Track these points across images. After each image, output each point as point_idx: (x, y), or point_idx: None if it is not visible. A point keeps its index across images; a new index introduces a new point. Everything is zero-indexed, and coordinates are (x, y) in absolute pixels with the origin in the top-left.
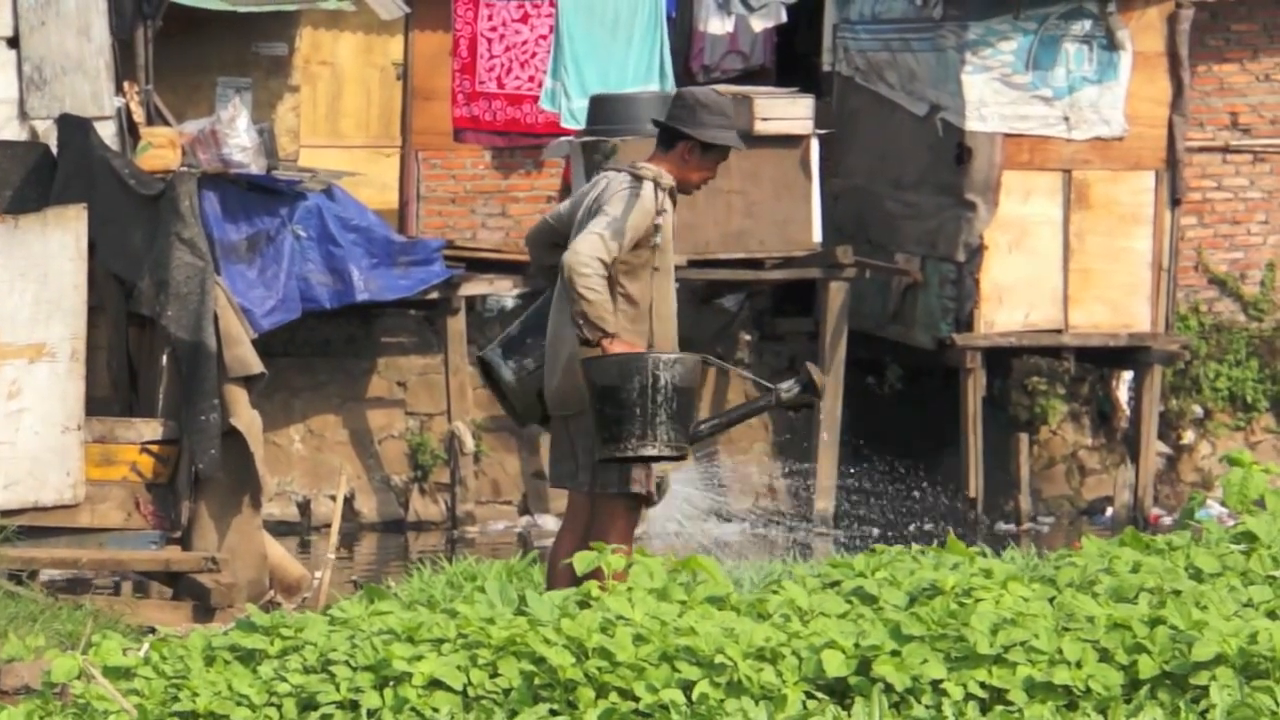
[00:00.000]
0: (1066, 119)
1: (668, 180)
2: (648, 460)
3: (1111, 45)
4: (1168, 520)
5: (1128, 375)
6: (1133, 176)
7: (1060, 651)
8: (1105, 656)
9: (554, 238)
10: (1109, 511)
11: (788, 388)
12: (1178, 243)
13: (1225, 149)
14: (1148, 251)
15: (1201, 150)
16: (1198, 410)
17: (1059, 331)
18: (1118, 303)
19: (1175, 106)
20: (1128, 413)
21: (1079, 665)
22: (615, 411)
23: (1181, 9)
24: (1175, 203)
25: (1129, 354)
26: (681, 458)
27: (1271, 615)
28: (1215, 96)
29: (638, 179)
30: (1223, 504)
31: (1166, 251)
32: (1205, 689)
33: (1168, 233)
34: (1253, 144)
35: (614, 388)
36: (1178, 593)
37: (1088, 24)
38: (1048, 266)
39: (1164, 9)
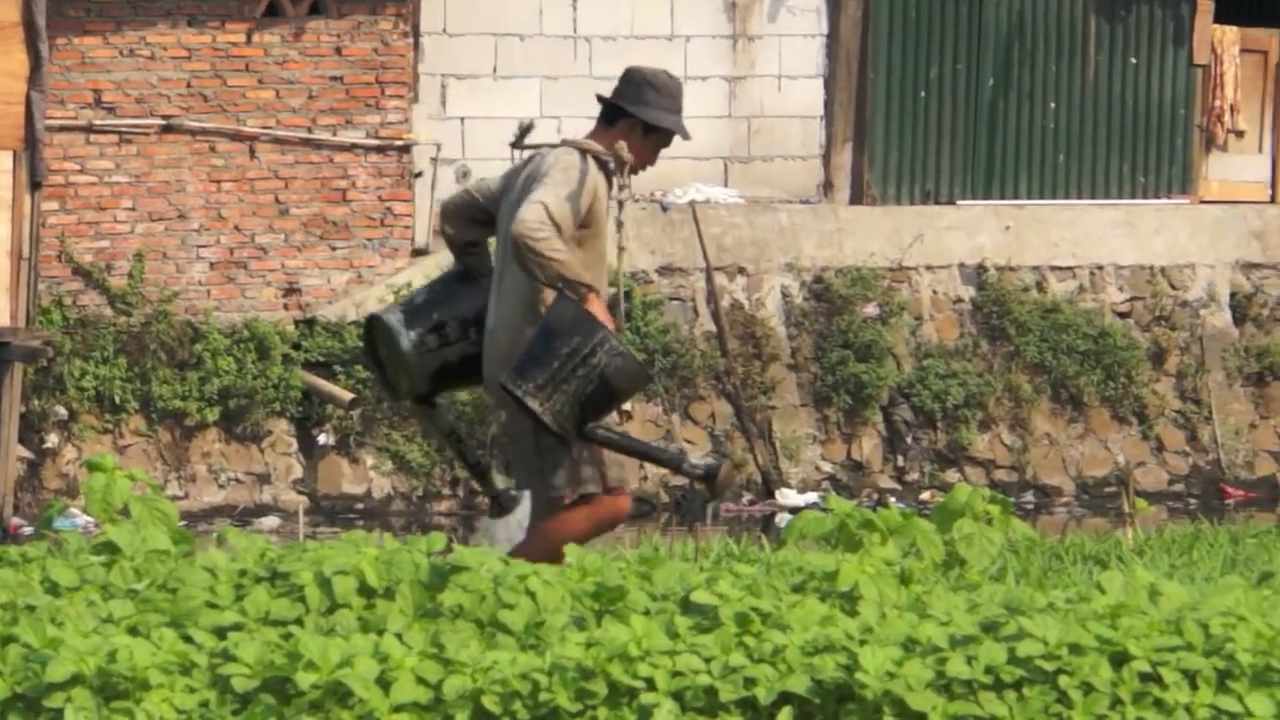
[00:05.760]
0: None
1: (625, 156)
2: (527, 409)
3: None
4: (29, 530)
5: None
6: None
7: None
8: None
9: (476, 213)
10: None
11: (692, 465)
12: (39, 230)
13: (89, 128)
14: (7, 239)
15: (63, 129)
16: (62, 411)
17: None
18: None
19: (34, 82)
20: None
21: None
22: (540, 351)
23: None
24: (36, 186)
25: None
26: (560, 437)
27: (133, 631)
28: (77, 72)
29: (583, 154)
30: (87, 512)
31: (27, 239)
32: (60, 711)
33: (28, 218)
34: (118, 124)
35: (555, 332)
36: (32, 608)
37: None
38: None
39: None
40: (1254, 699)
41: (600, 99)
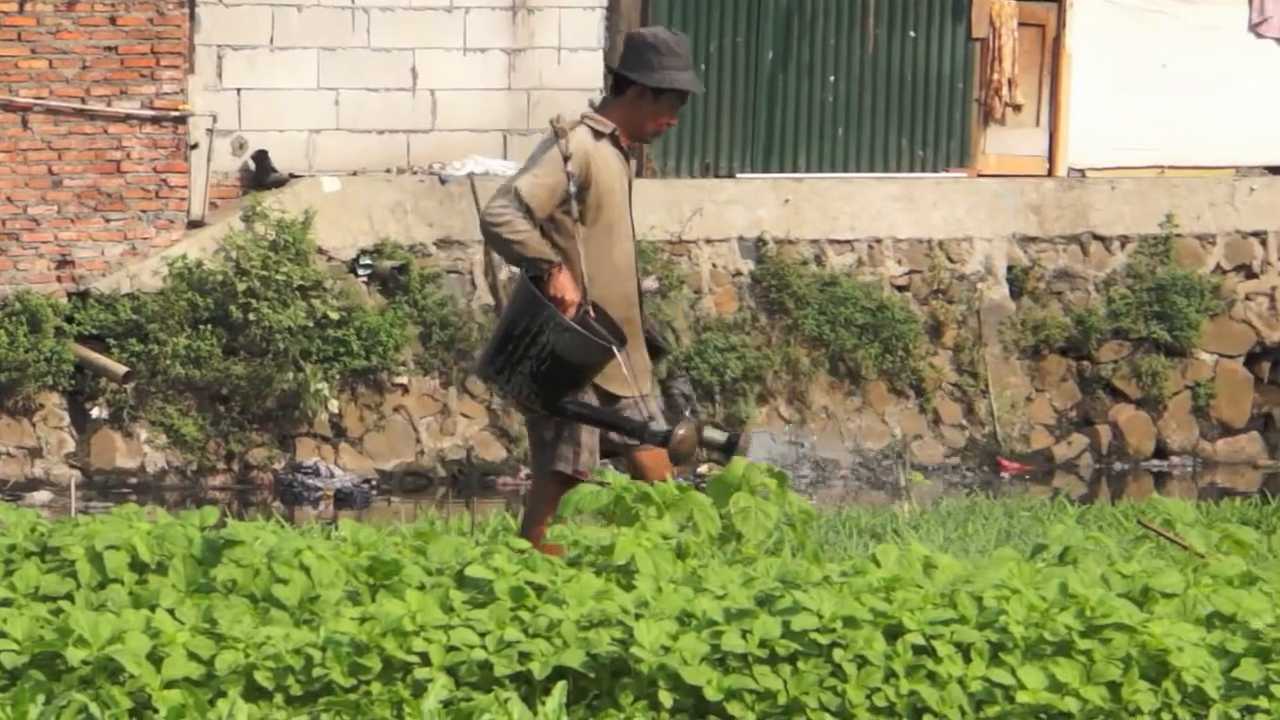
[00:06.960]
0: None
1: (605, 127)
2: (502, 388)
3: None
4: None
5: None
6: None
7: None
8: None
9: None
10: None
11: (652, 432)
12: None
13: None
14: None
15: None
16: None
17: None
18: None
19: None
20: None
21: None
22: (499, 335)
23: None
24: None
25: None
26: (532, 412)
27: None
28: None
29: (555, 134)
30: None
31: None
32: None
33: None
34: None
35: (509, 314)
36: None
37: None
38: None
39: None
40: (1026, 671)
41: (609, 69)
